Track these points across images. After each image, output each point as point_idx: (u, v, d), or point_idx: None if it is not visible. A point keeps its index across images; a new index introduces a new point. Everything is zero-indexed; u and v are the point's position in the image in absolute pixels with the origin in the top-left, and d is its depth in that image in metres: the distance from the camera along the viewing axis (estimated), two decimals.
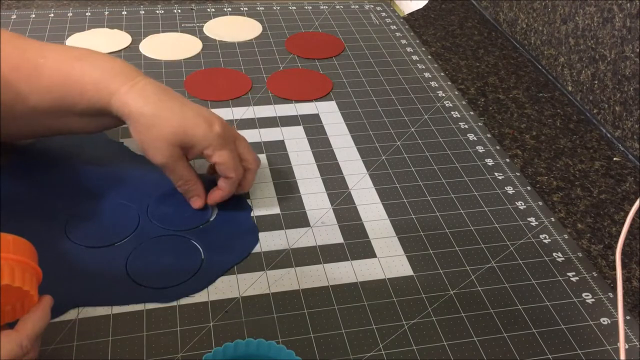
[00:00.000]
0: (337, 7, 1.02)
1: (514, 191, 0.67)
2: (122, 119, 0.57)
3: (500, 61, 0.93)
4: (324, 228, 0.61)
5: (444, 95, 0.82)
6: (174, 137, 0.56)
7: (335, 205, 0.63)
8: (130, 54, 0.86)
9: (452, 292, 0.55)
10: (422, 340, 0.50)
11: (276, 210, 0.62)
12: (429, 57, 0.90)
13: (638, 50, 0.72)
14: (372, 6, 1.03)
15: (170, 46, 0.88)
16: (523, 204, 0.65)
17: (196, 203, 0.60)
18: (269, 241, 0.59)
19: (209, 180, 0.62)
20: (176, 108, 0.56)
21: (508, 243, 0.60)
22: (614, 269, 0.53)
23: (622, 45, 0.75)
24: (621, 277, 0.49)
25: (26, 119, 0.58)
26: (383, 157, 0.70)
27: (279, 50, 0.89)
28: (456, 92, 0.83)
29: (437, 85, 0.84)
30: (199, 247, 0.57)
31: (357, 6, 1.03)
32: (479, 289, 0.55)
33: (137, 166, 0.65)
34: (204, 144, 0.56)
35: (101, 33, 0.90)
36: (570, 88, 0.86)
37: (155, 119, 0.56)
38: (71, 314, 0.50)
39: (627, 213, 0.65)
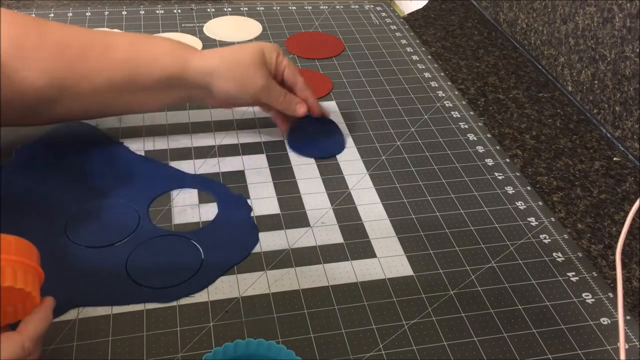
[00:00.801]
0: (337, 7, 1.02)
1: (514, 191, 0.67)
2: (195, 85, 0.63)
3: (500, 61, 0.93)
4: (324, 228, 0.61)
5: (444, 95, 0.82)
6: (257, 57, 0.63)
7: (335, 205, 0.63)
8: None
9: (452, 292, 0.55)
10: (422, 340, 0.50)
11: (276, 210, 0.62)
12: (429, 57, 0.90)
13: (638, 50, 0.72)
14: (372, 6, 1.03)
15: None
16: (523, 204, 0.65)
17: (301, 109, 0.67)
18: (269, 241, 0.59)
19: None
20: (237, 47, 0.65)
21: (508, 243, 0.60)
22: (614, 269, 0.53)
23: (622, 45, 0.75)
24: (621, 277, 0.49)
25: (97, 96, 0.61)
26: (383, 157, 0.70)
27: None
28: (456, 92, 0.83)
29: (437, 85, 0.84)
30: (199, 247, 0.57)
31: (357, 6, 1.03)
32: (479, 289, 0.55)
33: (137, 166, 0.65)
34: (276, 52, 0.65)
35: None
36: (570, 88, 0.86)
37: (235, 56, 0.63)
38: (71, 314, 0.50)
39: (627, 213, 0.65)
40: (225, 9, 0.99)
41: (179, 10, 0.98)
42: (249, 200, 0.63)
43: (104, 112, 0.66)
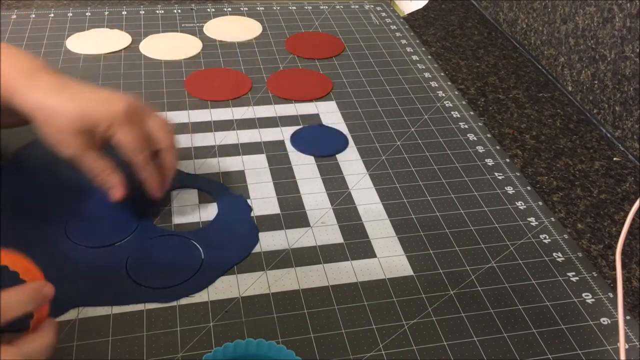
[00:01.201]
0: (337, 7, 1.02)
1: (514, 191, 0.67)
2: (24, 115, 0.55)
3: (500, 61, 0.93)
4: (324, 228, 0.61)
5: (444, 95, 0.82)
6: (74, 122, 0.54)
7: (335, 205, 0.63)
8: (130, 54, 0.86)
9: (452, 292, 0.55)
10: (422, 340, 0.50)
11: (276, 210, 0.62)
12: (429, 57, 0.90)
13: (638, 50, 0.72)
14: (372, 6, 1.03)
15: (170, 46, 0.88)
16: (523, 204, 0.65)
17: (115, 194, 0.57)
18: (269, 241, 0.59)
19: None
20: (75, 95, 0.55)
21: (508, 243, 0.60)
22: (614, 269, 0.53)
23: (622, 45, 0.75)
24: (621, 277, 0.49)
25: None
26: (383, 157, 0.70)
27: (279, 50, 0.89)
28: (456, 92, 0.83)
29: (437, 85, 0.84)
30: (199, 247, 0.57)
31: (357, 6, 1.03)
32: (479, 289, 0.55)
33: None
34: (104, 124, 0.54)
35: (101, 33, 0.90)
36: (570, 88, 0.86)
37: (54, 110, 0.54)
38: (71, 314, 0.50)
39: (627, 213, 0.65)
40: (225, 9, 0.99)
41: (179, 10, 0.98)
42: (249, 200, 0.63)
43: None
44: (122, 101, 0.55)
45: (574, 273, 0.58)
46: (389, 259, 0.58)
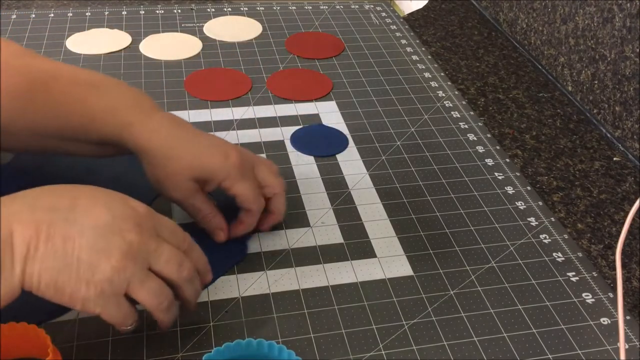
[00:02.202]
0: (337, 7, 1.02)
1: (514, 191, 0.67)
2: (131, 151, 0.54)
3: (500, 61, 0.93)
4: (324, 228, 0.61)
5: (444, 95, 0.82)
6: (190, 171, 0.53)
7: (335, 205, 0.63)
8: (130, 54, 0.86)
9: (452, 292, 0.55)
10: (422, 340, 0.50)
11: None
12: (429, 57, 0.90)
13: (638, 50, 0.72)
14: (372, 6, 1.03)
15: (170, 46, 0.88)
16: (523, 204, 0.65)
17: (219, 237, 0.57)
18: (269, 241, 0.59)
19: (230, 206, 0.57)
20: (190, 141, 0.54)
21: (508, 243, 0.60)
22: (614, 269, 0.53)
23: (622, 45, 0.75)
24: (621, 277, 0.49)
25: (25, 136, 0.54)
26: (383, 157, 0.70)
27: (279, 50, 0.89)
28: (456, 92, 0.83)
29: (437, 85, 0.84)
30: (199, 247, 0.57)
31: (357, 6, 1.03)
32: (479, 289, 0.55)
33: (138, 165, 0.65)
34: (220, 177, 0.54)
35: (101, 33, 0.90)
36: (570, 88, 0.86)
37: (170, 154, 0.53)
38: (71, 314, 0.50)
39: (627, 213, 0.65)
40: (225, 9, 0.99)
41: (179, 10, 0.98)
42: None
43: (48, 151, 0.58)
44: (235, 153, 0.54)
45: (574, 273, 0.58)
46: (389, 259, 0.58)
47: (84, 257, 0.41)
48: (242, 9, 0.99)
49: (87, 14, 0.95)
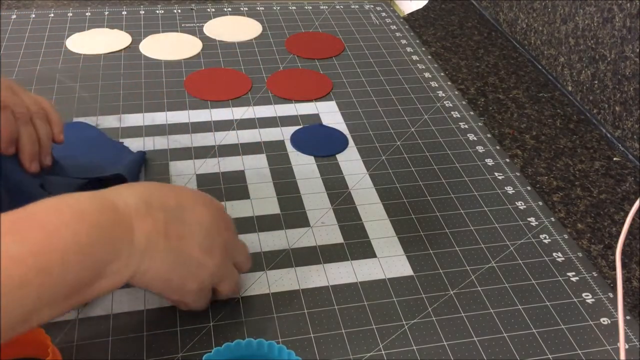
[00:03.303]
0: (337, 7, 1.02)
1: (514, 191, 0.67)
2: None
3: (500, 61, 0.93)
4: (324, 228, 0.61)
5: (444, 95, 0.82)
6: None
7: (335, 205, 0.63)
8: (130, 54, 0.86)
9: (452, 292, 0.55)
10: (422, 340, 0.50)
11: (276, 210, 0.62)
12: (429, 57, 0.90)
13: (638, 50, 0.72)
14: (372, 6, 1.03)
15: (170, 46, 0.88)
16: (523, 204, 0.65)
17: None
18: (269, 241, 0.59)
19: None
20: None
21: (508, 243, 0.60)
22: (614, 269, 0.53)
23: (622, 45, 0.75)
24: (621, 277, 0.49)
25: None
26: (383, 157, 0.70)
27: (279, 50, 0.89)
28: (456, 92, 0.83)
29: (437, 85, 0.84)
30: None
31: (357, 6, 1.03)
32: (479, 289, 0.55)
33: (138, 165, 0.65)
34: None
35: (101, 33, 0.90)
36: (570, 88, 0.86)
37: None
38: (71, 314, 0.50)
39: (627, 213, 0.65)
40: (225, 9, 0.99)
41: (179, 10, 0.98)
42: (249, 200, 0.63)
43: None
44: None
45: (574, 273, 0.58)
46: (389, 259, 0.58)
47: (195, 255, 0.45)
48: (242, 9, 0.99)
49: (87, 14, 0.95)
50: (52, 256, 0.37)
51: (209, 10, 0.98)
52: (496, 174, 0.69)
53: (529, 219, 0.63)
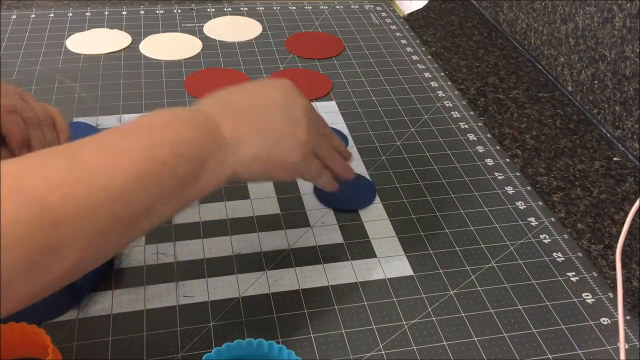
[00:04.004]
0: (337, 7, 1.02)
1: (514, 191, 0.67)
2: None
3: (500, 61, 0.93)
4: (324, 228, 0.61)
5: (444, 95, 0.82)
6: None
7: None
8: (130, 54, 0.86)
9: (452, 292, 0.55)
10: (422, 340, 0.50)
11: (276, 210, 0.62)
12: (429, 57, 0.90)
13: (638, 50, 0.72)
14: (372, 6, 1.03)
15: (170, 46, 0.88)
16: (523, 204, 0.65)
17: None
18: (269, 241, 0.59)
19: None
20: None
21: (508, 243, 0.60)
22: (614, 269, 0.53)
23: (622, 45, 0.75)
24: (621, 277, 0.49)
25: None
26: (383, 157, 0.70)
27: (279, 50, 0.89)
28: (456, 92, 0.83)
29: (437, 85, 0.84)
30: None
31: (357, 6, 1.03)
32: (479, 289, 0.55)
33: None
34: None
35: (101, 33, 0.90)
36: (570, 88, 0.86)
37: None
38: (71, 314, 0.50)
39: (627, 213, 0.65)
40: (225, 9, 0.99)
41: (179, 10, 0.98)
42: (249, 200, 0.63)
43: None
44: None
45: (574, 273, 0.58)
46: (389, 259, 0.58)
47: (283, 129, 0.48)
48: (242, 9, 0.99)
49: (87, 14, 0.95)
50: (163, 149, 0.41)
51: (209, 10, 0.98)
52: (496, 174, 0.69)
53: (529, 219, 0.63)
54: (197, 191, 0.43)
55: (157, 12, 0.97)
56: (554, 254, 0.59)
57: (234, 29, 0.94)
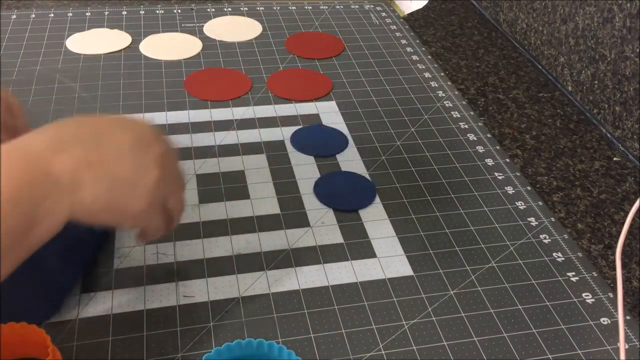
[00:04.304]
0: (337, 7, 1.02)
1: (514, 191, 0.67)
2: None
3: (500, 61, 0.93)
4: (324, 228, 0.61)
5: (444, 95, 0.82)
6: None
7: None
8: (130, 54, 0.86)
9: (452, 292, 0.55)
10: (422, 340, 0.50)
11: (276, 210, 0.62)
12: (429, 57, 0.90)
13: (638, 50, 0.72)
14: (372, 6, 1.03)
15: (170, 46, 0.88)
16: (523, 204, 0.65)
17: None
18: (269, 241, 0.59)
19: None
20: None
21: (508, 243, 0.60)
22: (614, 269, 0.53)
23: (622, 45, 0.75)
24: (621, 277, 0.49)
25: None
26: (383, 157, 0.70)
27: (279, 50, 0.89)
28: (456, 92, 0.83)
29: (437, 85, 0.84)
30: None
31: (357, 6, 1.03)
32: (479, 289, 0.55)
33: None
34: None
35: (101, 33, 0.90)
36: (570, 88, 0.86)
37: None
38: (71, 314, 0.50)
39: (627, 213, 0.65)
40: (225, 9, 0.99)
41: (179, 10, 0.98)
42: (248, 200, 0.63)
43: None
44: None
45: (574, 273, 0.58)
46: (389, 259, 0.58)
47: (128, 176, 0.44)
48: (242, 9, 0.99)
49: (87, 14, 0.95)
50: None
51: (209, 10, 0.98)
52: (496, 174, 0.69)
53: (529, 219, 0.63)
54: (33, 241, 0.40)
55: (157, 12, 0.97)
56: (554, 254, 0.59)
57: (234, 29, 0.94)
